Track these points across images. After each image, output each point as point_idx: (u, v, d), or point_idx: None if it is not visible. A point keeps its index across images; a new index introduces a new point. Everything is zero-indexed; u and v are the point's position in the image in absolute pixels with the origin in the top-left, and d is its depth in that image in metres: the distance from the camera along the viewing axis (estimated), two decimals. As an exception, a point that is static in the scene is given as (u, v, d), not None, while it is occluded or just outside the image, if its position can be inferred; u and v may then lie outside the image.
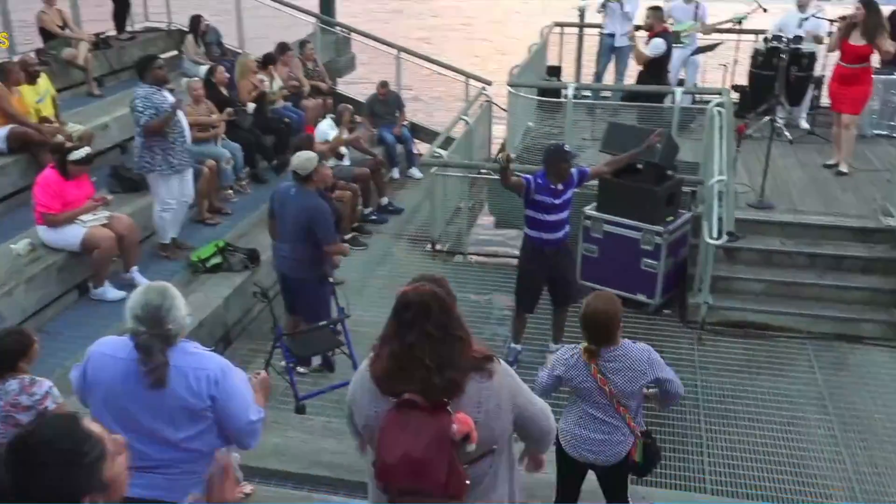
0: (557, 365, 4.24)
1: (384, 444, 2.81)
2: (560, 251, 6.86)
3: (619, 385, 4.11)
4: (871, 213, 8.59)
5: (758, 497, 5.70)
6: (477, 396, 2.86)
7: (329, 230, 6.51)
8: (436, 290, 2.90)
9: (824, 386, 7.02)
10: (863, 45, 9.05)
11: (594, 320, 4.10)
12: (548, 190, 6.58)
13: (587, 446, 4.25)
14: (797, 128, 10.91)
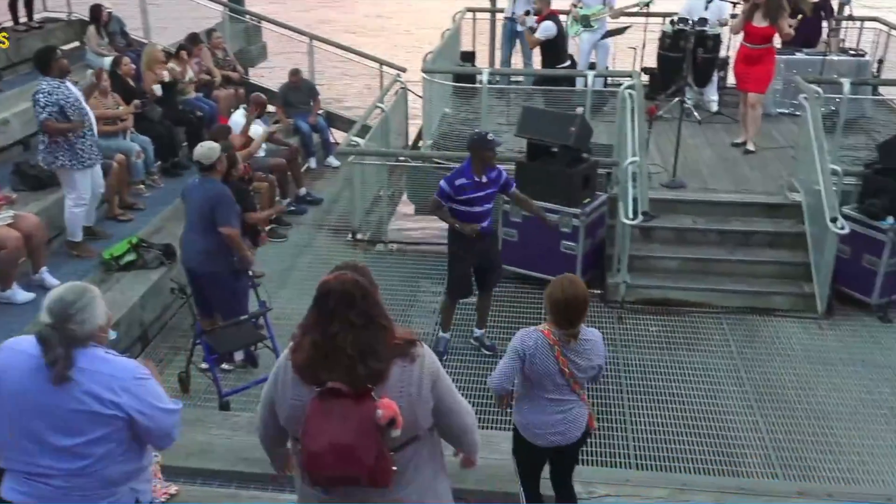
0: (522, 350, 4.25)
1: (309, 433, 2.79)
2: (487, 238, 6.90)
3: (578, 365, 4.22)
4: (778, 190, 8.90)
5: (680, 469, 5.86)
6: (399, 382, 2.86)
7: (227, 213, 6.33)
8: (358, 278, 2.88)
9: (739, 358, 7.25)
10: (765, 27, 9.34)
11: (573, 305, 4.15)
12: (472, 184, 6.61)
13: (552, 430, 4.33)
14: (706, 109, 11.21)
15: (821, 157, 8.01)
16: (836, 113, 9.53)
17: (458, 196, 6.62)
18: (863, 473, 5.87)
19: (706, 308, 8.00)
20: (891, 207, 7.69)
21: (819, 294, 7.88)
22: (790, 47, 11.10)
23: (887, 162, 7.94)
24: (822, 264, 7.84)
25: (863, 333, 7.65)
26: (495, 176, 6.72)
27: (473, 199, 6.63)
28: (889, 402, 6.66)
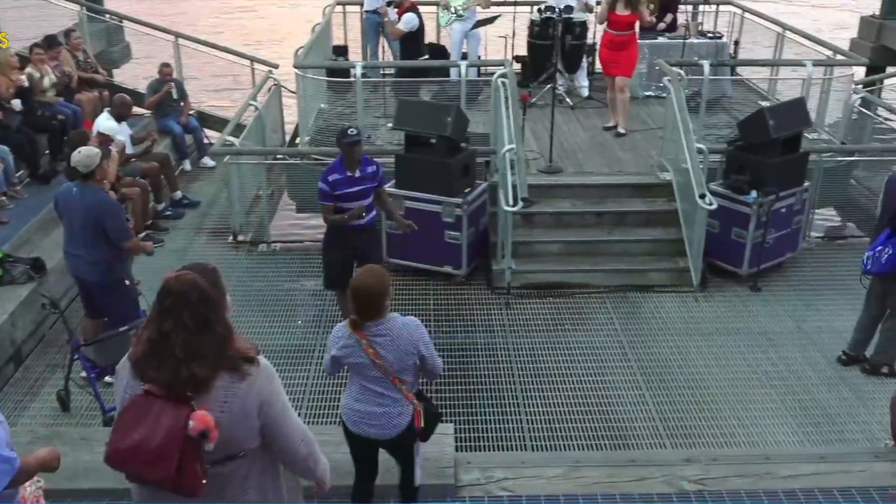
0: (332, 344, 4.25)
1: (119, 429, 2.77)
2: (365, 233, 6.87)
3: (390, 359, 4.15)
4: (649, 170, 9.23)
5: (574, 446, 6.01)
6: (224, 396, 2.81)
7: (121, 226, 6.18)
8: (198, 280, 2.84)
9: (623, 335, 7.49)
10: (627, 14, 9.64)
11: (362, 294, 4.11)
12: (345, 179, 6.57)
13: (367, 420, 4.27)
14: (577, 94, 11.50)
15: (687, 136, 8.33)
16: (698, 94, 9.96)
17: (335, 193, 6.58)
18: (743, 436, 6.17)
19: (589, 288, 8.22)
20: (754, 182, 8.09)
21: (693, 268, 8.22)
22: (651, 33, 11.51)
23: (748, 138, 8.33)
24: (694, 239, 8.18)
25: (735, 303, 8.03)
26: (372, 171, 6.69)
27: (348, 194, 6.59)
28: (763, 367, 7.02)
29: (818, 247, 9.28)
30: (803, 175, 8.56)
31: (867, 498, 4.87)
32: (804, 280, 8.48)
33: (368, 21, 12.29)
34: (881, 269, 6.60)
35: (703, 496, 4.85)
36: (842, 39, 15.27)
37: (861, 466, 5.20)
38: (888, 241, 6.54)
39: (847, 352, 7.08)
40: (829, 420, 6.36)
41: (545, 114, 9.56)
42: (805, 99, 9.26)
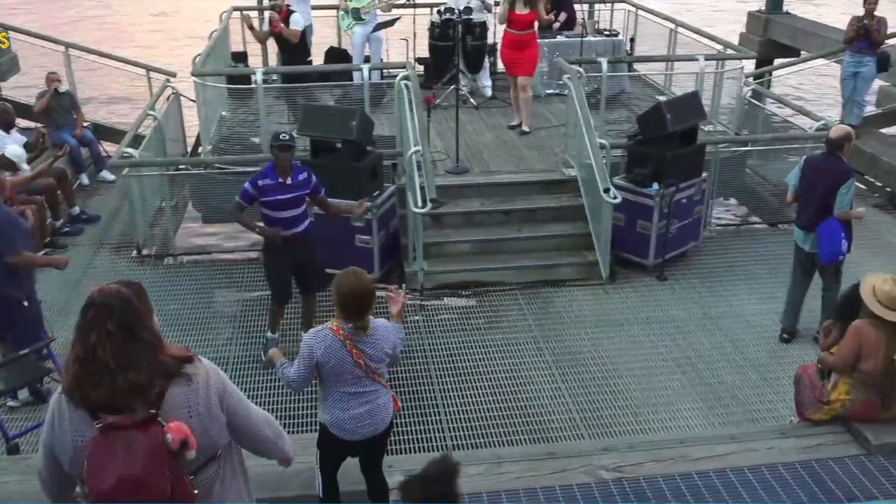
0: (313, 351, 4.23)
1: (95, 472, 2.66)
2: (303, 242, 6.75)
3: (371, 354, 4.26)
4: (554, 167, 9.37)
5: (494, 443, 6.05)
6: (185, 401, 2.80)
7: (8, 240, 5.92)
8: (120, 289, 2.80)
9: (537, 330, 7.59)
10: (527, 13, 9.78)
11: (359, 296, 4.19)
12: (276, 186, 6.45)
13: (361, 423, 4.34)
14: (481, 94, 11.59)
15: (589, 133, 8.50)
16: (598, 91, 10.15)
17: (263, 198, 6.45)
18: (657, 422, 6.33)
19: (502, 286, 8.30)
20: (655, 174, 8.30)
21: (601, 261, 8.39)
22: (549, 32, 11.70)
23: (647, 133, 8.54)
24: (601, 233, 8.35)
25: (643, 293, 8.24)
26: (303, 178, 6.59)
27: (279, 201, 6.48)
28: (672, 354, 7.22)
29: (719, 235, 9.61)
30: (701, 166, 8.84)
31: (775, 473, 5.06)
32: (707, 267, 8.76)
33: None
34: (847, 250, 6.97)
35: (621, 483, 4.95)
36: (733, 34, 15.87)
37: (769, 444, 5.39)
38: (841, 225, 6.86)
39: (787, 330, 7.39)
40: (737, 401, 6.59)
41: (450, 115, 9.61)
42: (699, 92, 9.55)
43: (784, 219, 9.79)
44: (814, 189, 6.94)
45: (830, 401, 5.42)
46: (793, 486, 4.97)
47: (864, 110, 11.57)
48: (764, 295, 8.15)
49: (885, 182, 10.83)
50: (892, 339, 5.13)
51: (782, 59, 14.92)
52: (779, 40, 15.87)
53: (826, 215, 6.87)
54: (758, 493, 4.90)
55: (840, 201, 6.81)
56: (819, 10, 19.42)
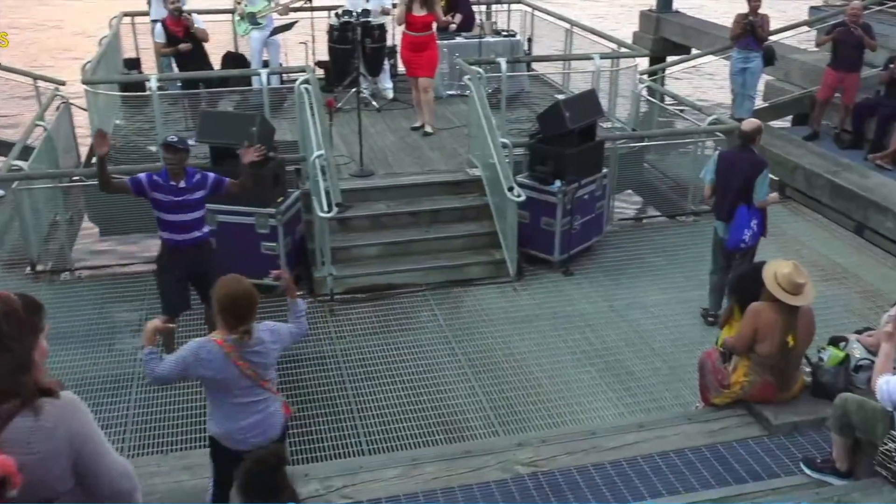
0: (195, 362, 4.10)
1: None
2: (198, 249, 6.54)
3: (258, 362, 4.18)
4: (459, 167, 9.43)
5: (410, 445, 6.05)
6: (27, 437, 2.60)
7: None
8: (11, 296, 2.68)
9: (449, 330, 7.62)
10: (424, 15, 9.80)
11: (241, 302, 4.08)
12: (167, 188, 6.25)
13: (252, 433, 4.23)
14: (383, 97, 11.57)
15: (491, 132, 8.58)
16: (498, 90, 10.27)
17: (154, 194, 6.23)
18: (569, 415, 6.44)
19: (411, 288, 8.30)
20: (557, 172, 8.44)
21: (509, 259, 8.48)
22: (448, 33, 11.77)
23: (547, 131, 8.67)
24: (507, 231, 8.44)
25: (551, 289, 8.36)
26: (198, 181, 6.37)
27: (168, 203, 6.26)
28: (581, 347, 7.36)
29: (621, 229, 9.83)
30: (601, 162, 9.04)
31: (683, 458, 5.22)
32: (611, 261, 8.95)
33: (158, 31, 11.76)
34: (756, 238, 7.29)
35: (536, 477, 5.01)
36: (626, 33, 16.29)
37: (676, 430, 5.56)
38: (751, 213, 7.18)
39: (712, 313, 7.63)
40: (645, 391, 6.76)
41: (352, 118, 9.56)
42: (596, 90, 9.77)
43: (681, 211, 10.11)
44: (730, 181, 7.24)
45: (731, 384, 5.62)
46: (700, 469, 5.13)
47: (753, 104, 12.02)
48: (666, 285, 8.39)
49: (775, 173, 11.25)
50: (788, 322, 5.35)
51: (674, 56, 15.39)
52: (670, 38, 16.38)
53: (742, 205, 7.20)
54: (667, 478, 5.04)
55: (758, 191, 7.15)
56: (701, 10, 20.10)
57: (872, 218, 9.39)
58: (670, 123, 11.98)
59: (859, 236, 9.47)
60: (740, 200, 7.19)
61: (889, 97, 10.74)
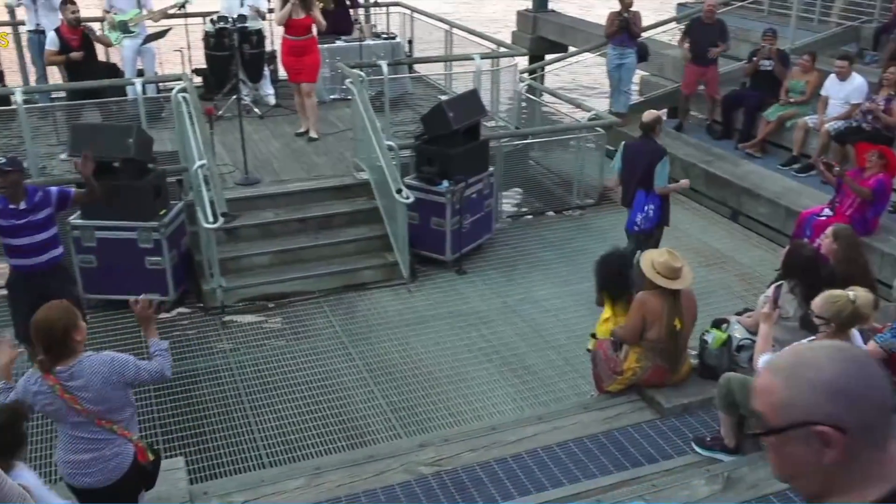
0: (27, 392, 3.92)
1: None
2: (50, 273, 6.22)
3: (86, 397, 3.91)
4: (346, 171, 9.38)
5: (313, 454, 5.97)
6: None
7: None
8: None
9: (345, 336, 7.55)
10: (304, 18, 9.69)
11: (45, 329, 3.87)
12: (9, 212, 5.93)
13: (82, 470, 4.03)
14: (265, 103, 11.40)
15: (376, 135, 8.57)
16: (381, 93, 10.26)
17: None
18: (470, 413, 6.49)
19: (305, 295, 8.19)
20: (443, 172, 8.49)
21: (401, 261, 8.48)
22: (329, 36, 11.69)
23: (432, 131, 8.71)
24: (398, 233, 8.44)
25: (445, 289, 8.41)
26: (40, 199, 6.04)
27: (12, 227, 5.96)
28: (478, 344, 7.43)
29: (510, 226, 9.98)
30: (487, 161, 9.16)
31: (581, 446, 5.36)
32: (502, 258, 9.08)
33: (31, 41, 11.18)
34: (651, 224, 7.65)
35: (440, 476, 5.04)
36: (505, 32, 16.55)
37: (573, 420, 5.70)
38: (648, 199, 7.57)
39: None
40: (542, 383, 6.87)
41: (234, 126, 9.36)
42: (478, 90, 9.88)
43: (567, 205, 10.34)
44: (633, 170, 7.66)
45: (623, 370, 5.80)
46: (598, 455, 5.28)
47: (630, 99, 12.42)
48: (557, 279, 8.57)
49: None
50: (673, 307, 5.56)
51: (552, 54, 15.75)
52: (547, 37, 16.75)
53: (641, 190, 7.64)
54: (567, 467, 5.16)
55: (658, 177, 7.51)
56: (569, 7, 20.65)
57: (746, 204, 9.85)
58: (552, 120, 12.25)
59: (735, 222, 9.92)
60: (641, 187, 7.62)
61: (754, 88, 11.29)
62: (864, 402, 1.55)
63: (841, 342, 1.62)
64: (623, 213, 9.70)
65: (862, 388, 1.56)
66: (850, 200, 8.10)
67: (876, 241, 8.10)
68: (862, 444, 1.55)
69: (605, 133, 10.52)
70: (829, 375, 1.56)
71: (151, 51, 11.09)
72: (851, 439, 1.54)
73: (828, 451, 1.55)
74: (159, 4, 11.24)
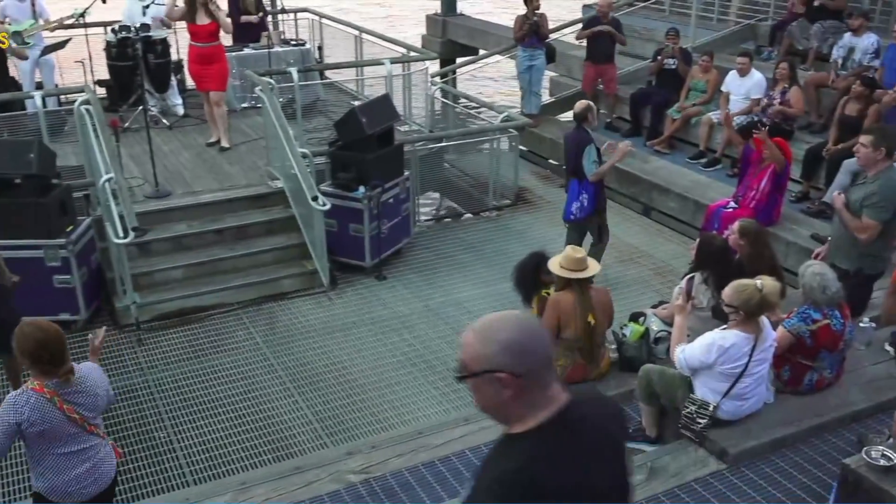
0: (19, 416, 3.83)
1: None
2: None
3: (84, 404, 4.00)
4: (260, 180, 9.24)
5: (240, 469, 5.87)
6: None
7: None
8: None
9: (266, 347, 7.44)
10: (208, 23, 9.47)
11: (52, 347, 3.88)
12: None
13: (85, 482, 4.04)
14: (173, 113, 11.15)
15: (289, 143, 8.47)
16: (293, 100, 10.16)
17: None
18: (396, 418, 6.48)
19: (223, 308, 8.04)
20: (359, 178, 8.45)
21: (321, 269, 8.40)
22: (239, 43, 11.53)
23: (345, 137, 8.66)
24: (316, 241, 8.36)
25: (366, 295, 8.37)
26: None
27: None
28: (401, 349, 7.42)
29: (429, 229, 9.99)
30: (402, 165, 9.15)
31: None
32: (422, 261, 9.09)
33: None
34: (585, 213, 7.85)
35: (369, 483, 5.01)
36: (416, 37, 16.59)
37: (498, 419, 5.72)
38: (581, 188, 7.78)
39: None
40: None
41: (142, 137, 9.13)
42: (390, 94, 9.88)
43: (484, 207, 10.42)
44: (567, 160, 7.95)
45: (545, 369, 5.86)
46: (526, 453, 5.30)
47: (540, 100, 12.60)
48: (476, 280, 8.62)
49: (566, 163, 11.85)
50: (585, 304, 5.66)
51: (463, 57, 15.85)
52: (458, 40, 16.85)
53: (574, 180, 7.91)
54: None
55: (584, 166, 7.70)
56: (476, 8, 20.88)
57: (657, 199, 10.10)
58: (465, 123, 12.34)
59: (647, 217, 10.16)
60: (573, 176, 7.87)
61: (660, 86, 11.61)
62: (532, 355, 2.14)
63: (519, 312, 2.26)
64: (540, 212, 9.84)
65: (530, 345, 2.14)
66: (753, 192, 8.39)
67: (780, 231, 8.41)
68: (531, 385, 2.14)
69: (518, 134, 10.64)
70: (508, 335, 2.13)
71: (50, 62, 10.73)
72: (523, 382, 2.12)
73: (505, 391, 2.13)
74: (56, 14, 10.86)
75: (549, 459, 2.12)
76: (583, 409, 2.24)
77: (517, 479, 2.08)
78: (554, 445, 2.14)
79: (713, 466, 4.84)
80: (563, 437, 2.16)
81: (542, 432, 2.14)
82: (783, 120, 9.77)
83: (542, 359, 2.17)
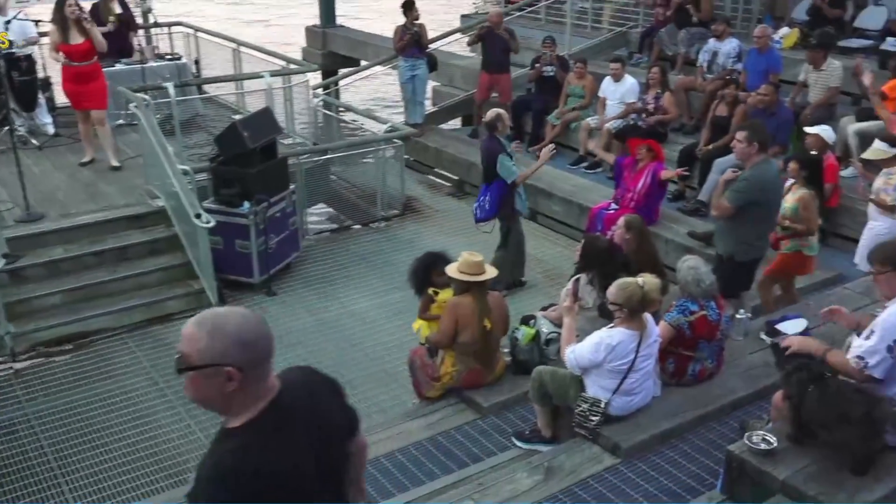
0: None
1: None
2: None
3: None
4: (139, 199, 8.96)
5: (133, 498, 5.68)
6: None
7: None
8: None
9: (155, 371, 7.20)
10: (82, 42, 9.14)
11: None
12: None
13: None
14: (43, 133, 10.69)
15: (168, 160, 8.26)
16: (171, 116, 9.89)
17: None
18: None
19: (107, 332, 7.75)
20: (243, 193, 8.30)
21: (208, 287, 8.20)
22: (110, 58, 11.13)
23: (227, 152, 8.47)
24: (202, 259, 8.16)
25: (256, 311, 8.17)
26: None
27: None
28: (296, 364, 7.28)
29: (318, 242, 9.90)
30: (287, 179, 9.05)
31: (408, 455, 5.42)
32: (313, 275, 9.01)
33: None
34: (487, 214, 8.12)
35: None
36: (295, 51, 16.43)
37: (398, 430, 5.76)
38: (486, 191, 8.06)
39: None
40: (364, 396, 6.81)
41: (9, 159, 8.69)
42: (271, 108, 9.75)
43: (373, 217, 10.41)
44: (483, 165, 8.15)
45: (441, 375, 5.93)
46: (424, 461, 5.35)
47: (424, 109, 12.70)
48: (368, 291, 8.61)
49: (451, 171, 11.99)
50: (482, 309, 5.75)
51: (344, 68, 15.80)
52: (339, 52, 16.78)
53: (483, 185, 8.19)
54: (396, 477, 5.20)
55: (503, 174, 7.89)
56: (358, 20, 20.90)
57: (542, 203, 10.31)
58: (350, 134, 12.30)
59: (534, 222, 10.35)
60: (484, 181, 8.14)
61: (539, 93, 11.89)
62: (255, 350, 2.28)
63: (244, 309, 2.41)
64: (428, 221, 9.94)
65: (254, 340, 2.28)
66: (632, 194, 8.70)
67: (660, 230, 8.73)
68: (252, 378, 2.29)
69: (403, 144, 10.69)
70: (234, 330, 2.26)
71: None
72: (246, 375, 2.26)
73: (229, 384, 2.25)
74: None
75: (262, 449, 2.27)
76: (294, 394, 2.42)
77: (233, 470, 2.23)
78: (266, 436, 2.30)
79: (607, 462, 4.98)
80: (274, 426, 2.32)
81: (255, 424, 2.30)
82: (658, 124, 10.21)
83: (264, 352, 2.33)
